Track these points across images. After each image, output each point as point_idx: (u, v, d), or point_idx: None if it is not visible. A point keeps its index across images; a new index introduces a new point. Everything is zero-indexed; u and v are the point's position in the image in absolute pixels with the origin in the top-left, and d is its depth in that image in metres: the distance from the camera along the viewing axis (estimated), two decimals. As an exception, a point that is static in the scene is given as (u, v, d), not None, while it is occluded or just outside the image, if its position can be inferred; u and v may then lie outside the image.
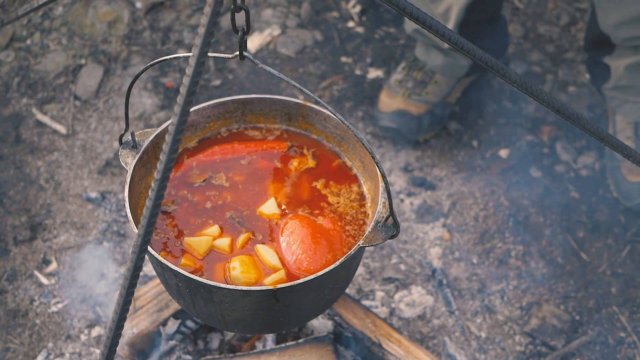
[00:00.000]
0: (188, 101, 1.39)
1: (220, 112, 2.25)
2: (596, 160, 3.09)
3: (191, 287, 1.93)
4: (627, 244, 2.89)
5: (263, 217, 2.12)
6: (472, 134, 3.18)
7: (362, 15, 3.56)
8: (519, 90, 1.65)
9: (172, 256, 2.02)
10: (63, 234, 2.88)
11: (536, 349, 2.66)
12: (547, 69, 3.38)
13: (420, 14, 1.52)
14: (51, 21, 3.45)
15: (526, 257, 2.86)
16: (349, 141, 2.20)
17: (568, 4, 3.60)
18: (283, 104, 2.24)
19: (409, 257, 2.84)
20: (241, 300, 1.91)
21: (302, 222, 2.06)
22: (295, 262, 2.00)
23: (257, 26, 3.49)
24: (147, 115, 3.19)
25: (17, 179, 3.02)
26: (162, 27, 3.47)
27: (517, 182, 3.05)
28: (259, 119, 2.28)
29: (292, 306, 1.98)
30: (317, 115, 2.23)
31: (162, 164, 1.42)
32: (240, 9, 1.54)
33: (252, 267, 1.99)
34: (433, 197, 3.00)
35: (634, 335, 2.70)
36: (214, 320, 2.05)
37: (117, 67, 3.34)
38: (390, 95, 3.10)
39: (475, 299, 2.76)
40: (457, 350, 2.64)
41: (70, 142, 3.13)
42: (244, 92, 3.28)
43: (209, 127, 2.26)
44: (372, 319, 2.48)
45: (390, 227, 1.94)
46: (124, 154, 2.10)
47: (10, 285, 2.76)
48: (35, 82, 3.29)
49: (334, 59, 3.40)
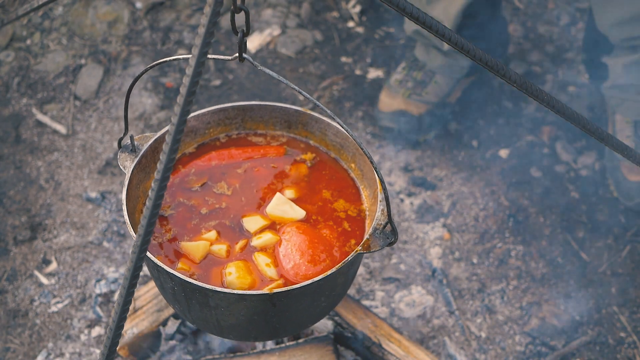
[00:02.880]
0: (188, 101, 1.39)
1: (220, 118, 2.24)
2: (596, 160, 3.09)
3: (187, 291, 1.92)
4: (627, 244, 2.89)
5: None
6: (472, 134, 3.18)
7: (362, 15, 3.56)
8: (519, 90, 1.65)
9: (169, 260, 2.02)
10: (63, 234, 2.88)
11: (536, 349, 2.66)
12: (547, 69, 3.38)
13: (420, 14, 1.52)
14: (51, 21, 3.45)
15: (526, 257, 2.86)
16: (349, 149, 2.20)
17: (568, 4, 3.60)
18: (283, 111, 2.24)
19: (409, 257, 2.84)
20: (237, 304, 1.90)
21: (299, 228, 2.05)
22: (293, 268, 1.99)
23: (257, 26, 3.49)
24: (147, 115, 3.20)
25: (17, 179, 3.02)
26: (162, 27, 3.47)
27: (517, 182, 3.05)
28: (259, 126, 2.28)
29: (288, 312, 1.97)
30: (316, 122, 2.22)
31: (162, 163, 1.42)
32: (240, 10, 1.54)
33: (248, 272, 1.98)
34: (433, 197, 3.00)
35: (634, 335, 2.70)
36: (209, 326, 2.04)
37: (117, 67, 3.34)
38: (390, 95, 3.10)
39: (475, 299, 2.76)
40: (457, 350, 2.64)
41: (70, 142, 3.13)
42: (243, 92, 3.28)
43: (209, 133, 2.26)
44: (372, 319, 2.48)
45: (388, 234, 1.94)
46: (123, 157, 2.09)
47: (10, 285, 2.76)
48: (35, 82, 3.29)
49: (334, 59, 3.40)
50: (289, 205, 2.11)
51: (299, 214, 2.10)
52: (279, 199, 2.11)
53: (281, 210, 2.10)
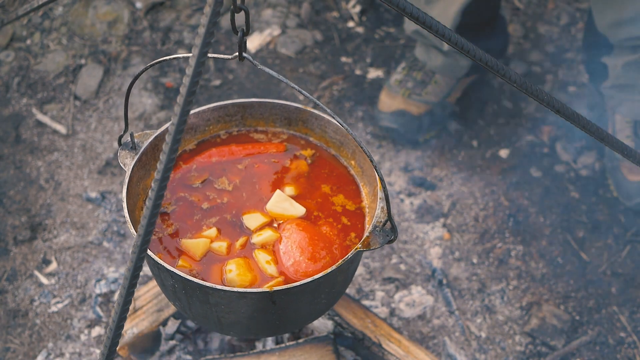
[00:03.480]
0: (188, 101, 1.39)
1: (220, 115, 2.25)
2: (596, 160, 3.09)
3: (187, 289, 1.92)
4: (627, 244, 2.89)
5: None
6: (472, 134, 3.18)
7: (362, 15, 3.56)
8: (519, 90, 1.65)
9: (169, 258, 2.02)
10: (63, 234, 2.88)
11: (536, 349, 2.66)
12: (547, 69, 3.38)
13: (420, 14, 1.52)
14: (51, 21, 3.45)
15: (526, 257, 2.86)
16: (349, 146, 2.20)
17: (568, 4, 3.60)
18: (283, 108, 2.24)
19: (409, 257, 2.84)
20: (237, 302, 1.91)
21: (299, 225, 2.05)
22: (293, 265, 1.99)
23: (257, 26, 3.49)
24: (147, 115, 3.20)
25: (17, 179, 3.02)
26: (162, 27, 3.47)
27: (517, 182, 3.05)
28: (259, 123, 2.28)
29: (288, 309, 1.97)
30: (316, 120, 2.22)
31: (162, 163, 1.42)
32: (240, 10, 1.54)
33: (248, 270, 1.99)
34: (433, 197, 3.00)
35: (634, 335, 2.70)
36: (210, 323, 2.04)
37: (117, 67, 3.34)
38: (390, 96, 3.10)
39: (475, 299, 2.76)
40: (457, 350, 2.64)
41: (70, 142, 3.13)
42: (244, 92, 3.28)
43: (209, 130, 2.26)
44: (372, 319, 2.48)
45: (388, 232, 1.94)
46: (123, 154, 2.10)
47: (10, 285, 2.76)
48: (35, 82, 3.29)
49: (334, 59, 3.40)
50: (289, 203, 2.11)
51: (299, 211, 2.10)
52: (279, 196, 2.12)
53: (281, 207, 2.10)
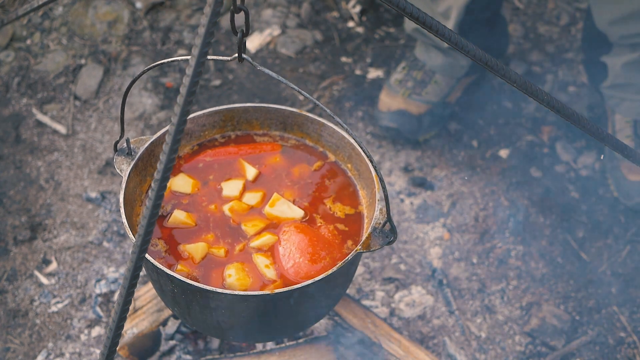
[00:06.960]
0: (188, 101, 1.39)
1: (216, 120, 2.24)
2: (596, 160, 3.09)
3: (187, 293, 1.92)
4: (627, 244, 2.89)
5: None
6: (472, 134, 3.18)
7: (362, 15, 3.56)
8: (519, 90, 1.65)
9: (168, 263, 2.02)
10: (63, 234, 2.88)
11: (536, 349, 2.66)
12: (547, 69, 3.38)
13: (420, 14, 1.52)
14: (51, 21, 3.45)
15: (526, 257, 2.86)
16: (345, 149, 2.19)
17: (568, 4, 3.60)
18: (278, 112, 2.23)
19: (409, 257, 2.84)
20: (238, 306, 1.90)
21: (298, 228, 2.05)
22: (293, 267, 1.99)
23: (257, 26, 3.49)
24: (147, 115, 3.20)
25: (17, 179, 3.02)
26: (162, 27, 3.47)
27: (517, 182, 3.05)
28: (254, 127, 2.27)
29: (289, 312, 1.97)
30: (312, 123, 2.22)
31: (162, 164, 1.42)
32: (239, 10, 1.54)
33: (248, 274, 1.98)
34: (433, 197, 3.00)
35: (634, 335, 2.70)
36: (209, 328, 2.04)
37: (117, 67, 3.34)
38: (390, 95, 3.10)
39: (475, 299, 2.76)
40: (457, 350, 2.64)
41: (70, 142, 3.13)
42: (244, 92, 3.28)
43: (204, 136, 2.25)
44: (372, 319, 2.48)
45: (387, 233, 1.94)
46: (119, 160, 2.09)
47: (10, 285, 2.76)
48: (35, 82, 3.29)
49: (334, 59, 3.40)
50: (287, 205, 2.11)
51: (297, 214, 2.10)
52: (277, 199, 2.11)
53: (279, 210, 2.10)
